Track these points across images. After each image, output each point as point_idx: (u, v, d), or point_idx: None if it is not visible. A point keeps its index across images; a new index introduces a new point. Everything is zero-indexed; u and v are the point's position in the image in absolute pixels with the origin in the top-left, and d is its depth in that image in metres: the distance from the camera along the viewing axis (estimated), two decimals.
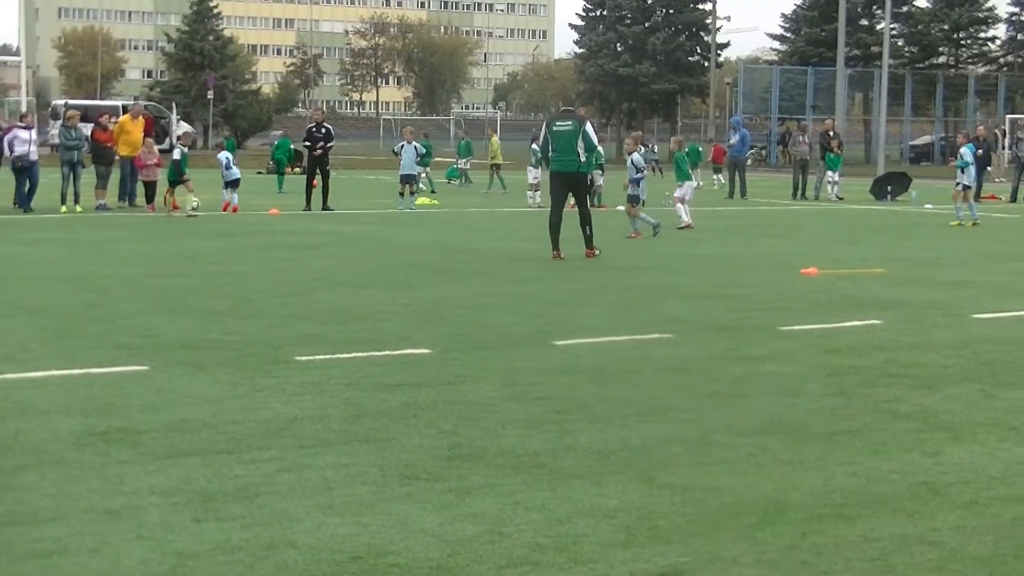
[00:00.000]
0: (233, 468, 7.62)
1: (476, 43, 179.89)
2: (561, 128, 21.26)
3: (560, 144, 21.17)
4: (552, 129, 21.40)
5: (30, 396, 9.58)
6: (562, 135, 21.18)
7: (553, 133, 21.31)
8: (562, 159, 21.21)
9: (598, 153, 22.92)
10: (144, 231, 25.34)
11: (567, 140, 21.12)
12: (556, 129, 21.32)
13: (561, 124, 21.40)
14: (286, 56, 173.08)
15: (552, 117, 22.00)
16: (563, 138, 21.16)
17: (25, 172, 30.69)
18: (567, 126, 21.26)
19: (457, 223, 29.55)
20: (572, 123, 21.37)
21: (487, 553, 6.19)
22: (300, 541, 6.32)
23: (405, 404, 9.48)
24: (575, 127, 21.22)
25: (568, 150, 21.10)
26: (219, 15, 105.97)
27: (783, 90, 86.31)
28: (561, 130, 21.23)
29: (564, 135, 21.16)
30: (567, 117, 21.82)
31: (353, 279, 17.53)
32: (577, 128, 21.17)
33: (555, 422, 8.99)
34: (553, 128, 21.40)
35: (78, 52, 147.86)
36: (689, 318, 14.21)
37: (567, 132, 21.14)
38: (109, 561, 6.02)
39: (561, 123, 21.45)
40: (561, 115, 22.20)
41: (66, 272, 17.76)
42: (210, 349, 11.69)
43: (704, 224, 29.57)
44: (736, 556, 6.22)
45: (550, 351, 11.95)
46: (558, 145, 21.21)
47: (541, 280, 17.68)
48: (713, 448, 8.33)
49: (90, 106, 78.08)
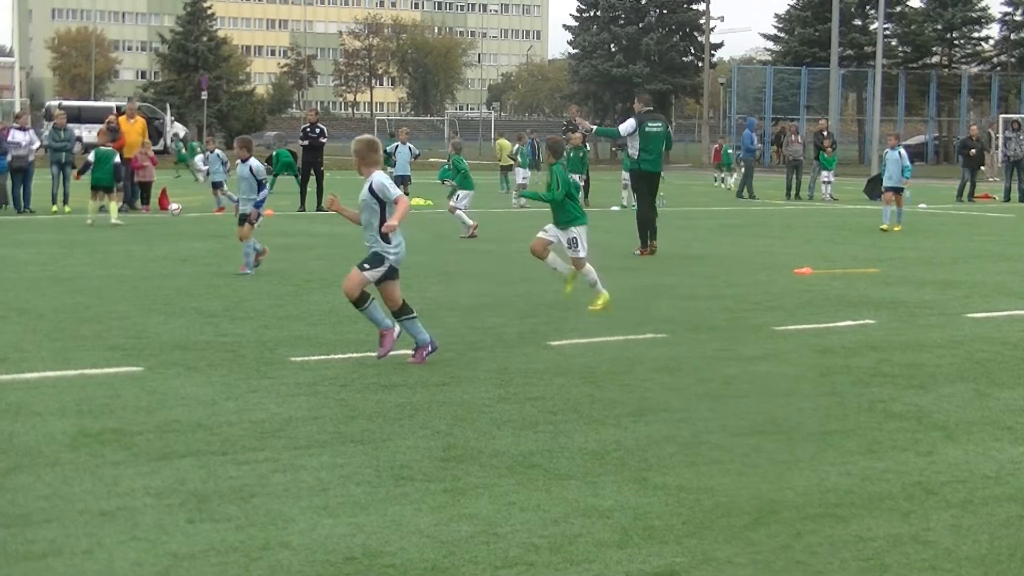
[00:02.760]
0: (227, 469, 7.63)
1: (470, 44, 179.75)
2: (654, 129, 21.92)
3: (652, 145, 21.86)
4: (645, 129, 21.87)
5: (24, 397, 9.58)
6: (655, 136, 21.88)
7: (645, 133, 21.83)
8: (653, 159, 21.97)
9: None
10: (137, 232, 25.31)
11: (658, 141, 21.90)
12: (649, 130, 21.89)
13: (653, 125, 22.01)
14: (280, 57, 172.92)
15: (643, 117, 22.06)
16: (655, 139, 21.88)
17: (21, 173, 30.66)
18: (658, 127, 22.02)
19: (451, 224, 29.52)
20: (662, 124, 22.23)
21: (482, 554, 6.19)
22: (295, 542, 6.33)
23: (399, 405, 9.48)
24: (664, 128, 22.16)
25: (657, 150, 21.89)
26: (213, 16, 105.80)
27: (777, 90, 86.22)
28: (654, 131, 21.90)
29: (656, 136, 21.89)
30: (656, 118, 22.47)
31: None
32: (665, 129, 22.20)
33: (549, 423, 9.00)
34: (646, 128, 21.88)
35: (72, 53, 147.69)
36: (682, 318, 14.21)
37: (659, 133, 21.91)
38: (103, 562, 6.02)
39: (653, 124, 22.04)
40: (650, 116, 22.45)
41: (59, 273, 17.75)
42: (204, 350, 11.69)
43: (698, 224, 29.59)
44: (730, 556, 6.23)
45: (543, 352, 11.96)
46: (650, 145, 21.86)
47: (534, 281, 17.66)
48: (707, 448, 8.34)
49: (84, 107, 78.05)
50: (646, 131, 21.82)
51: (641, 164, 22.01)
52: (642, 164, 22.01)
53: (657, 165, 22.15)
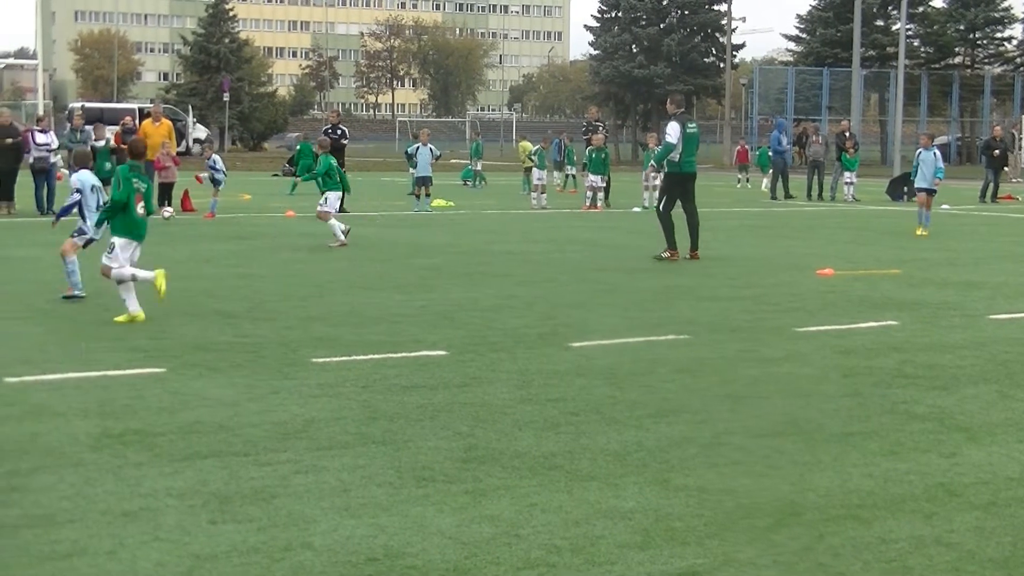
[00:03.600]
0: (249, 470, 7.64)
1: (491, 45, 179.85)
2: (692, 130, 21.84)
3: (692, 146, 21.77)
4: (686, 131, 21.68)
5: (47, 398, 9.61)
6: (694, 137, 21.83)
7: (687, 135, 21.65)
8: (692, 160, 21.88)
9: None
10: (159, 234, 25.35)
11: (696, 141, 21.90)
12: (689, 131, 21.75)
13: (692, 126, 21.92)
14: (301, 58, 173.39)
15: (682, 119, 21.85)
16: (694, 140, 21.85)
17: (44, 174, 30.76)
18: (695, 128, 22.01)
19: (472, 225, 29.54)
20: (696, 124, 22.21)
21: (504, 555, 6.20)
22: (317, 543, 6.34)
23: (421, 406, 9.49)
24: (698, 129, 22.15)
25: (695, 151, 21.87)
26: (235, 18, 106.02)
27: (798, 91, 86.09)
28: (693, 132, 21.82)
29: (695, 137, 21.84)
30: (691, 119, 22.44)
31: (368, 281, 17.55)
32: (699, 130, 22.19)
33: (570, 424, 9.00)
34: (687, 130, 21.71)
35: (94, 55, 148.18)
36: (704, 319, 14.20)
37: (696, 134, 21.90)
38: (126, 563, 6.04)
39: (691, 125, 21.96)
40: (687, 117, 22.34)
41: (82, 275, 17.77)
42: (226, 351, 11.72)
43: (719, 225, 29.54)
44: (752, 558, 6.22)
45: (564, 353, 11.96)
46: (691, 147, 21.75)
47: (555, 282, 17.68)
48: (728, 450, 8.33)
49: (106, 109, 78.25)
50: (687, 133, 21.62)
51: (683, 166, 21.68)
52: (684, 166, 21.68)
53: (695, 166, 21.99)
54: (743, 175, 55.29)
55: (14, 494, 7.10)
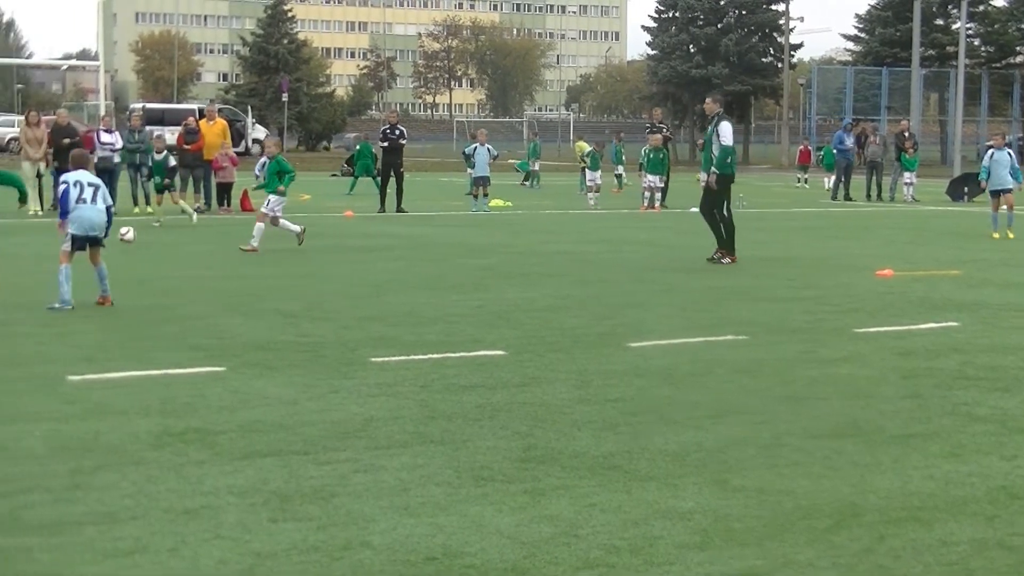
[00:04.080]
0: (308, 469, 7.68)
1: (548, 45, 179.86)
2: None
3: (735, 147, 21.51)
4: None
5: (108, 397, 9.69)
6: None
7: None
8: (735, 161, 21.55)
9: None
10: (217, 233, 25.53)
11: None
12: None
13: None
14: (359, 59, 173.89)
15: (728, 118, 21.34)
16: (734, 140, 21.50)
17: (107, 174, 31.01)
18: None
19: (529, 225, 29.56)
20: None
21: (562, 555, 6.20)
22: (376, 542, 6.36)
23: (479, 406, 9.51)
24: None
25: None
26: (293, 19, 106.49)
27: (857, 91, 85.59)
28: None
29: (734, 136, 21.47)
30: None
31: (426, 281, 17.59)
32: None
33: (629, 424, 9.00)
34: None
35: (155, 56, 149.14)
36: (762, 320, 14.15)
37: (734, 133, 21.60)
38: (187, 560, 6.09)
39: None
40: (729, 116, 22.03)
41: (141, 274, 17.93)
42: (285, 351, 11.77)
43: (777, 226, 29.45)
44: (811, 559, 6.19)
45: (622, 353, 11.95)
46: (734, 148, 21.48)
47: (612, 282, 17.66)
48: (787, 451, 8.30)
49: (166, 109, 78.79)
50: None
51: (732, 167, 21.09)
52: (732, 167, 21.11)
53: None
54: (803, 175, 55.06)
55: (78, 491, 7.16)
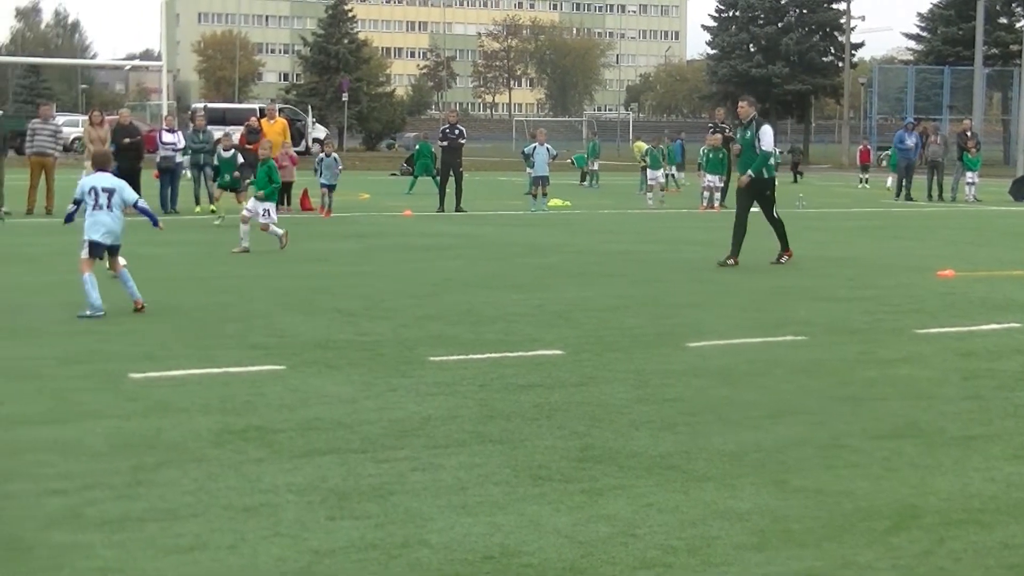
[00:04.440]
0: (367, 467, 7.71)
1: (608, 44, 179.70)
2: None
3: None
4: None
5: (169, 394, 9.77)
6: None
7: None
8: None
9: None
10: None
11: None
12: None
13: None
14: (419, 58, 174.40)
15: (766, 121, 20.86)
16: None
17: (168, 174, 31.24)
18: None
19: (588, 225, 29.55)
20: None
21: (619, 555, 6.20)
22: (433, 540, 6.38)
23: (537, 405, 9.51)
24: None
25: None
26: (354, 19, 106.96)
27: (918, 90, 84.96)
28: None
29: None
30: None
31: (485, 280, 17.62)
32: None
33: (686, 424, 8.98)
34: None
35: (217, 56, 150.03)
36: (821, 320, 14.08)
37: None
38: (247, 557, 6.13)
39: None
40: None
41: (203, 273, 18.07)
42: (344, 349, 11.82)
43: (837, 226, 29.31)
44: (870, 561, 6.16)
45: (680, 353, 11.92)
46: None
47: (670, 282, 17.63)
48: (846, 452, 8.26)
49: (228, 109, 79.23)
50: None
51: (772, 170, 20.58)
52: (772, 171, 20.59)
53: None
54: (864, 175, 54.76)
55: (140, 488, 7.23)
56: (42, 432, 8.51)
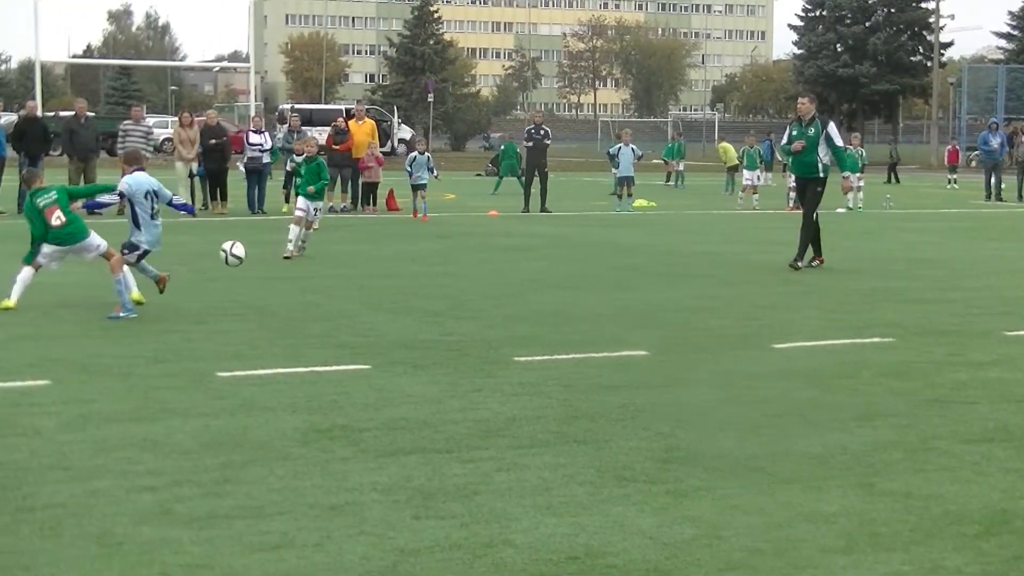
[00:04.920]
0: (452, 467, 7.74)
1: (694, 45, 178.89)
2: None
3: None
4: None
5: (256, 393, 9.85)
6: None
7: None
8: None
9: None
10: (364, 233, 25.79)
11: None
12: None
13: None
14: (504, 59, 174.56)
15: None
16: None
17: (256, 174, 31.48)
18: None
19: (673, 225, 29.45)
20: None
21: (705, 556, 6.18)
22: (517, 540, 6.39)
23: (622, 406, 9.50)
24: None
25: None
26: (439, 19, 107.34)
27: (1010, 90, 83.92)
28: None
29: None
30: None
31: (569, 281, 17.61)
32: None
33: (772, 426, 8.93)
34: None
35: (304, 57, 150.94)
36: (909, 322, 13.95)
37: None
38: (332, 555, 6.17)
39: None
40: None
41: (290, 273, 18.19)
42: (429, 349, 11.86)
43: (926, 227, 29.02)
44: (960, 566, 6.10)
45: (766, 354, 11.86)
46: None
47: (756, 283, 17.53)
48: (934, 455, 8.18)
49: (315, 110, 79.78)
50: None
51: (828, 171, 19.98)
52: (828, 171, 19.99)
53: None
54: (952, 176, 54.22)
55: (227, 485, 7.29)
56: (131, 429, 8.62)
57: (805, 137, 19.76)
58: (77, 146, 29.65)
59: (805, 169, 19.93)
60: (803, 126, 19.90)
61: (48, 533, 6.45)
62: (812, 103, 20.24)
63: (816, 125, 19.76)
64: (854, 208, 34.64)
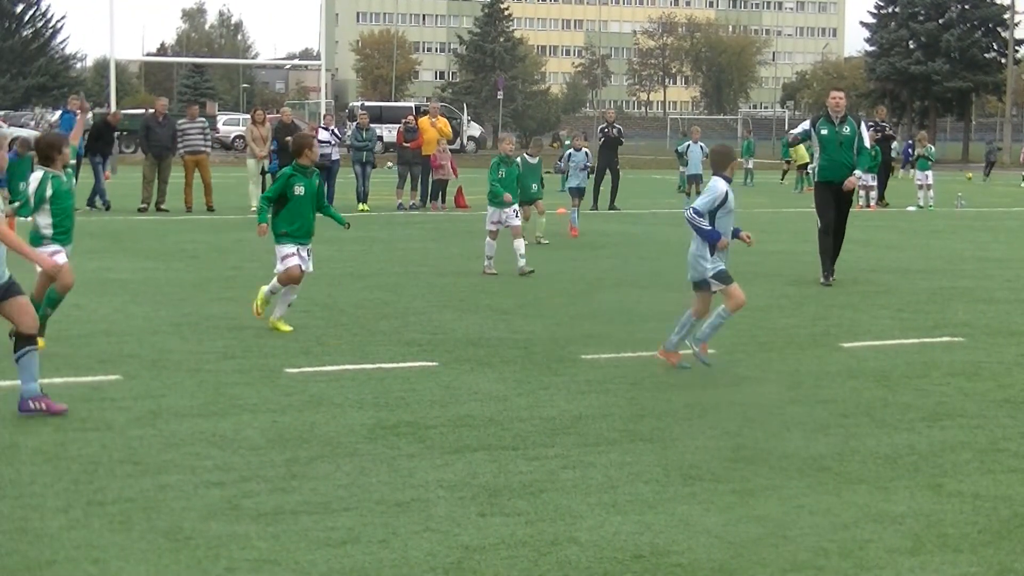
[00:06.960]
0: (518, 464, 7.75)
1: (764, 42, 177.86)
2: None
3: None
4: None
5: (324, 389, 9.91)
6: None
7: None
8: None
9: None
10: (434, 230, 25.85)
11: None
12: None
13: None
14: (574, 56, 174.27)
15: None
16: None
17: (324, 171, 31.62)
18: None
19: (742, 224, 29.24)
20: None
21: (770, 556, 6.16)
22: (583, 538, 6.40)
23: (689, 405, 9.48)
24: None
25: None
26: (510, 17, 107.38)
27: None
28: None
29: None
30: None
31: (638, 279, 17.58)
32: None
33: (840, 425, 8.89)
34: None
35: (374, 55, 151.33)
36: (980, 322, 13.83)
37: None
38: (398, 552, 6.20)
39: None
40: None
41: (360, 270, 18.27)
42: (496, 347, 11.88)
43: (998, 225, 28.73)
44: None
45: (835, 353, 11.80)
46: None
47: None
48: (1005, 456, 8.12)
49: (385, 107, 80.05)
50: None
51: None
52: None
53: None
54: None
55: (294, 481, 7.35)
56: (201, 424, 8.70)
57: (840, 137, 17.65)
58: (153, 143, 29.89)
59: (842, 172, 17.58)
60: (835, 125, 17.74)
61: (118, 527, 6.53)
62: (845, 99, 18.22)
63: (850, 123, 17.83)
64: (925, 206, 34.34)
